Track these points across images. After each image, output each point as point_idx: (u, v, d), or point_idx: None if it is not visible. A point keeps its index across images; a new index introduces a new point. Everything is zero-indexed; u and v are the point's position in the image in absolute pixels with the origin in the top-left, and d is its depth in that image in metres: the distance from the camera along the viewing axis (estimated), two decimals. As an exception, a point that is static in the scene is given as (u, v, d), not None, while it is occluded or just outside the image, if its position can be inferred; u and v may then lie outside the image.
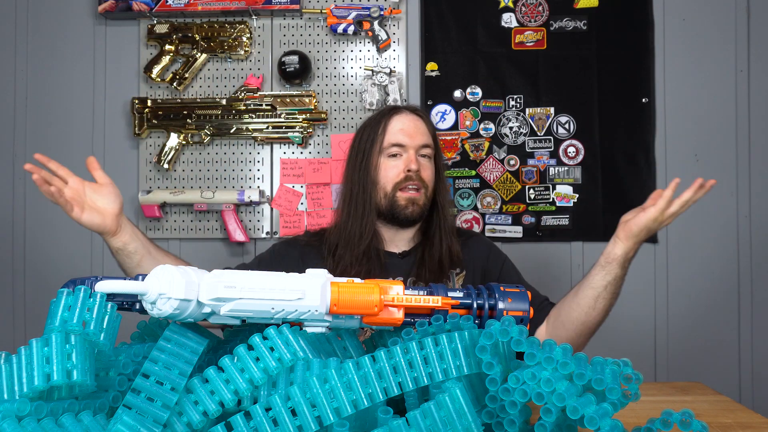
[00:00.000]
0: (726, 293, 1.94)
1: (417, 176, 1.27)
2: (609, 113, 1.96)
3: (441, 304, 0.65)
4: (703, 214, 1.94)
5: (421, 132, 1.31)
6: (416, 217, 1.29)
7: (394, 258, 1.31)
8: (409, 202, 1.27)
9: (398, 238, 1.32)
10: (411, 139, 1.29)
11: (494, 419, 0.59)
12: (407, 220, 1.29)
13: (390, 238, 1.32)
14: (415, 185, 1.27)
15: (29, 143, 2.05)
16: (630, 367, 0.57)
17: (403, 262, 1.30)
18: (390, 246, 1.32)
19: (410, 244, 1.33)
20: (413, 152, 1.28)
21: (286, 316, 0.59)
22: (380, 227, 1.31)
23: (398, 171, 1.27)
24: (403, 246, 1.33)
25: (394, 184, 1.27)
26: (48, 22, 2.06)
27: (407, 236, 1.33)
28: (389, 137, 1.29)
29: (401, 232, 1.32)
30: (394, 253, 1.32)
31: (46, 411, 0.50)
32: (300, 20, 2.00)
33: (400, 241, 1.33)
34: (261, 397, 0.55)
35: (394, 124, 1.30)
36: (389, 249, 1.32)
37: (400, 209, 1.27)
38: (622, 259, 1.14)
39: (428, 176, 1.30)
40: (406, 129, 1.29)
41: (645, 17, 1.96)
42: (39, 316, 2.01)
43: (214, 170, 2.01)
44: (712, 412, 0.84)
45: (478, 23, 1.99)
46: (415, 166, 1.27)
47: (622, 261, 1.15)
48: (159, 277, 0.55)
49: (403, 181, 1.27)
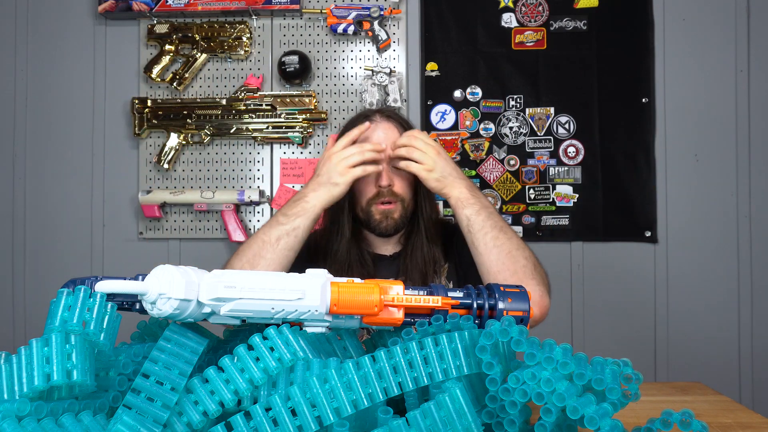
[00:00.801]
0: (726, 293, 1.94)
1: (389, 192, 1.23)
2: (609, 113, 1.96)
3: (441, 304, 0.65)
4: (703, 214, 1.95)
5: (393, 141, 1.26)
6: (392, 231, 1.26)
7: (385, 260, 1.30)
8: (383, 216, 1.24)
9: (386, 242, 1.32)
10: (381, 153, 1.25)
11: (494, 419, 0.59)
12: (383, 234, 1.26)
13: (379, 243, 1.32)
14: (388, 200, 1.24)
15: (29, 143, 2.05)
16: (630, 367, 0.57)
17: (393, 263, 1.30)
18: (380, 249, 1.32)
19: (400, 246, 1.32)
20: (385, 165, 1.23)
21: (286, 316, 0.59)
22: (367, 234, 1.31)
23: (371, 187, 1.24)
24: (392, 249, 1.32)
25: (368, 199, 1.25)
26: (48, 22, 2.06)
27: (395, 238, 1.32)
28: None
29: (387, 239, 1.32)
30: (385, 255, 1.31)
31: (46, 411, 0.50)
32: (300, 20, 2.00)
33: (389, 244, 1.32)
34: (261, 397, 0.55)
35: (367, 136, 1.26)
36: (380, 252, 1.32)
37: (375, 223, 1.25)
38: (466, 200, 1.15)
39: (403, 187, 1.26)
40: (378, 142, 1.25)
41: (645, 17, 1.96)
42: (39, 316, 2.01)
43: (214, 170, 2.01)
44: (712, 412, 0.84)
45: (478, 23, 1.99)
46: (386, 182, 1.23)
47: (467, 200, 1.15)
48: (159, 277, 0.55)
49: (375, 197, 1.24)
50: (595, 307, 1.96)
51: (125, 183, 2.03)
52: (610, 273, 1.96)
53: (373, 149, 1.18)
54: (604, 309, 1.95)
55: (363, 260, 1.27)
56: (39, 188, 2.05)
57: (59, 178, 2.04)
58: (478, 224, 1.12)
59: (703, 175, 1.95)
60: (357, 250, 1.28)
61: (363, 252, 1.29)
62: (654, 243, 1.95)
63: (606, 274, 1.96)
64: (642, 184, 1.94)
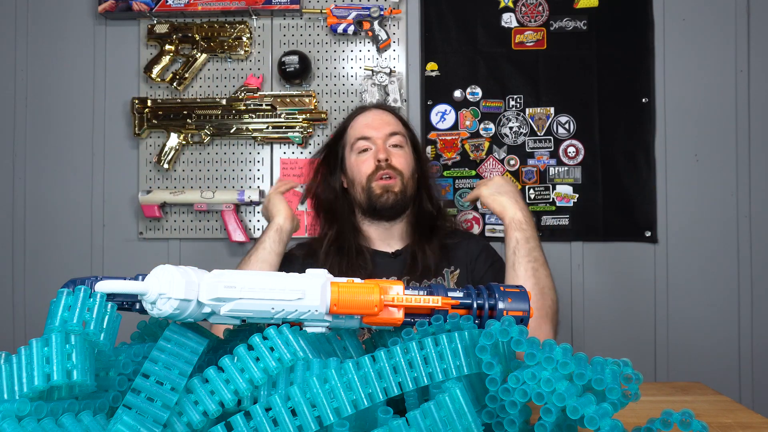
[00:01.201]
0: (726, 293, 1.94)
1: (387, 165, 1.27)
2: (609, 113, 1.96)
3: (441, 304, 0.65)
4: (703, 214, 1.95)
5: (387, 122, 1.32)
6: (393, 204, 1.27)
7: (386, 257, 1.30)
8: (383, 189, 1.26)
9: (388, 236, 1.31)
10: (377, 131, 1.29)
11: (494, 419, 0.59)
12: (385, 209, 1.27)
13: (380, 237, 1.31)
14: (387, 174, 1.26)
15: (29, 143, 2.05)
16: (630, 367, 0.57)
17: (396, 261, 1.29)
18: (381, 245, 1.31)
19: (402, 243, 1.32)
20: (381, 142, 1.28)
21: (286, 316, 0.59)
22: (368, 227, 1.31)
23: (369, 164, 1.28)
24: (395, 245, 1.32)
25: (367, 177, 1.28)
26: (48, 22, 2.06)
27: (397, 233, 1.32)
28: (355, 133, 1.31)
29: (390, 229, 1.31)
30: (386, 252, 1.31)
31: (46, 411, 0.50)
32: (300, 20, 2.00)
33: (391, 239, 1.32)
34: (261, 397, 0.55)
35: (358, 120, 1.33)
36: (381, 248, 1.31)
37: (375, 198, 1.27)
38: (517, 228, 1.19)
39: (401, 163, 1.29)
40: (371, 123, 1.31)
41: (645, 17, 1.96)
42: (39, 316, 2.01)
43: (214, 170, 2.01)
44: (712, 412, 0.84)
45: (478, 23, 1.99)
46: (384, 155, 1.26)
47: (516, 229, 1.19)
48: (159, 277, 0.55)
49: (375, 171, 1.27)
50: (595, 307, 1.96)
51: (125, 183, 2.03)
52: (610, 273, 1.96)
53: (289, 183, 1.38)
54: (604, 309, 1.95)
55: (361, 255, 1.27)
56: (39, 188, 2.05)
57: (59, 178, 2.04)
58: (525, 250, 1.16)
59: (703, 175, 1.95)
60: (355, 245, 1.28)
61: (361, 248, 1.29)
62: (654, 243, 1.95)
63: (606, 274, 1.96)
64: (642, 184, 1.94)
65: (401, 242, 1.32)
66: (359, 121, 1.33)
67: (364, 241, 1.31)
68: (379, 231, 1.31)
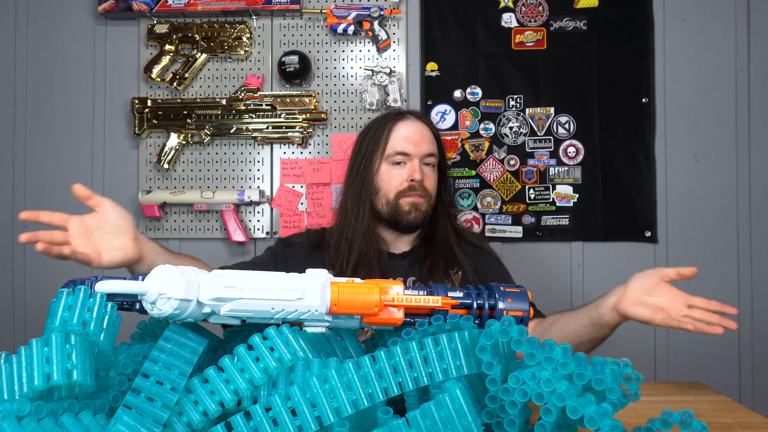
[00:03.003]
0: (726, 293, 1.94)
1: (420, 186, 1.26)
2: (609, 113, 1.96)
3: (441, 304, 0.65)
4: (703, 214, 1.94)
5: (427, 140, 1.29)
6: (418, 224, 1.28)
7: (395, 259, 1.31)
8: (412, 207, 1.26)
9: (399, 241, 1.32)
10: (416, 148, 1.27)
11: (494, 419, 0.59)
12: (409, 226, 1.27)
13: (392, 241, 1.32)
14: (418, 194, 1.26)
15: (29, 143, 2.05)
16: (630, 367, 0.57)
17: (403, 262, 1.30)
18: (391, 248, 1.32)
19: (411, 245, 1.33)
20: (417, 161, 1.26)
21: (286, 316, 0.59)
22: (382, 231, 1.31)
23: (401, 180, 1.26)
24: (403, 248, 1.33)
25: (397, 192, 1.26)
26: (48, 21, 2.06)
27: (408, 239, 1.33)
28: (394, 144, 1.27)
29: (403, 237, 1.32)
30: (394, 253, 1.32)
31: (46, 411, 0.50)
32: (300, 20, 2.00)
33: (401, 243, 1.33)
34: (261, 397, 0.55)
35: (399, 131, 1.28)
36: (391, 251, 1.32)
37: (403, 214, 1.26)
38: (608, 330, 1.14)
39: (431, 185, 1.29)
40: (411, 137, 1.27)
41: (645, 17, 1.96)
42: (39, 316, 2.01)
43: (214, 170, 2.01)
44: (712, 412, 0.84)
45: (478, 23, 1.99)
46: (419, 176, 1.25)
47: (607, 331, 1.15)
48: (159, 277, 0.55)
49: (406, 190, 1.26)
50: (595, 307, 1.95)
51: (125, 183, 2.03)
52: (610, 273, 1.96)
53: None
54: (604, 309, 1.95)
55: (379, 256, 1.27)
56: (39, 188, 2.05)
57: (59, 178, 2.04)
58: (594, 343, 1.21)
59: (703, 175, 1.95)
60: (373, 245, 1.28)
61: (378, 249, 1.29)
62: (654, 243, 1.95)
63: (606, 274, 1.96)
64: (642, 184, 1.94)
65: (409, 245, 1.33)
66: (399, 131, 1.28)
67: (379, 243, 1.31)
68: (392, 236, 1.32)
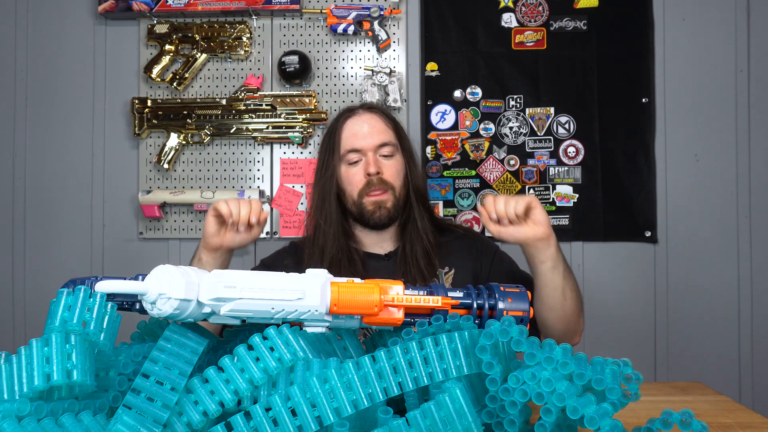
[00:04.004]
0: (726, 293, 1.94)
1: (378, 180, 1.23)
2: (609, 113, 1.96)
3: (441, 304, 0.65)
4: (703, 214, 1.95)
5: (377, 130, 1.26)
6: (386, 220, 1.25)
7: (379, 260, 1.29)
8: (375, 206, 1.24)
9: (380, 239, 1.30)
10: (365, 141, 1.25)
11: (494, 419, 0.59)
12: (378, 225, 1.26)
13: (372, 242, 1.30)
14: (379, 189, 1.24)
15: (29, 143, 2.05)
16: (630, 367, 0.57)
17: (389, 263, 1.28)
18: (374, 248, 1.31)
19: (394, 244, 1.31)
20: (371, 154, 1.24)
21: (286, 316, 0.59)
22: (359, 231, 1.30)
23: (360, 177, 1.24)
24: (388, 247, 1.31)
25: (359, 191, 1.24)
26: (48, 22, 2.06)
27: (388, 236, 1.31)
28: (344, 144, 1.26)
29: (381, 234, 1.30)
30: (379, 254, 1.30)
31: (46, 411, 0.50)
32: (300, 20, 2.00)
33: (384, 242, 1.30)
34: (261, 397, 0.55)
35: (347, 129, 1.27)
36: (373, 251, 1.30)
37: (368, 215, 1.24)
38: (557, 243, 1.12)
39: (392, 175, 1.26)
40: (359, 132, 1.25)
41: (645, 17, 1.96)
42: (39, 316, 2.01)
43: (214, 170, 2.01)
44: (712, 412, 0.84)
45: (478, 23, 1.99)
46: (374, 169, 1.23)
47: (557, 245, 1.12)
48: (159, 277, 0.55)
49: (366, 186, 1.24)
50: (595, 307, 1.95)
51: (125, 183, 2.03)
52: (610, 273, 1.96)
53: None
54: (604, 309, 1.95)
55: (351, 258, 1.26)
56: (39, 188, 2.05)
57: (59, 178, 2.04)
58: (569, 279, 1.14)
59: (703, 175, 1.95)
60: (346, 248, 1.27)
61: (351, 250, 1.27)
62: (654, 243, 1.95)
63: (606, 274, 1.96)
64: (642, 184, 1.94)
65: (393, 243, 1.31)
66: (347, 129, 1.27)
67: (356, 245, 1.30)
68: (371, 236, 1.30)
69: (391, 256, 1.29)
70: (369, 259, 1.28)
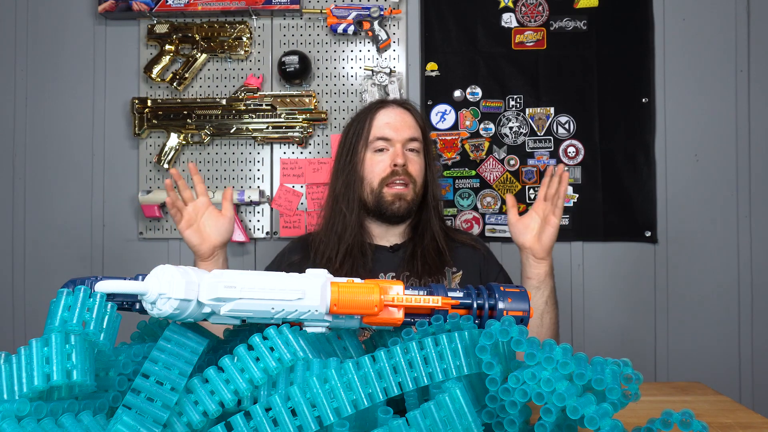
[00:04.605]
0: (726, 293, 1.94)
1: (404, 171, 1.24)
2: (609, 113, 1.96)
3: (441, 304, 0.65)
4: (703, 214, 1.95)
5: (408, 125, 1.28)
6: (403, 213, 1.26)
7: (385, 252, 1.29)
8: (395, 197, 1.24)
9: (389, 234, 1.31)
10: (397, 133, 1.26)
11: (494, 419, 0.59)
12: (394, 216, 1.26)
13: (380, 234, 1.30)
14: (402, 180, 1.24)
15: (29, 143, 2.05)
16: (630, 367, 0.57)
17: (394, 255, 1.28)
18: (381, 240, 1.31)
19: (402, 238, 1.31)
20: (400, 146, 1.25)
21: (286, 316, 0.59)
22: (369, 223, 1.30)
23: (384, 166, 1.25)
24: (394, 240, 1.31)
25: (381, 179, 1.25)
26: (48, 22, 2.06)
27: (398, 231, 1.31)
28: (375, 131, 1.27)
29: (392, 228, 1.30)
30: (384, 246, 1.30)
31: (46, 411, 0.50)
32: (300, 20, 2.00)
33: (392, 236, 1.31)
34: (261, 397, 0.55)
35: (380, 117, 1.28)
36: (380, 243, 1.30)
37: (386, 205, 1.24)
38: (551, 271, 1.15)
39: (416, 170, 1.27)
40: (392, 123, 1.26)
41: (645, 17, 1.96)
42: (39, 316, 2.01)
43: (214, 170, 2.01)
44: (712, 412, 0.84)
45: (478, 23, 1.99)
46: (402, 160, 1.23)
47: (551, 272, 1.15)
48: (159, 277, 0.55)
49: (389, 176, 1.24)
50: (595, 307, 1.96)
51: (125, 183, 2.03)
52: (610, 273, 1.96)
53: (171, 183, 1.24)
54: (604, 309, 1.95)
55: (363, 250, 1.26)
56: (39, 188, 2.05)
57: (59, 178, 2.04)
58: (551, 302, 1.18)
59: (703, 175, 1.95)
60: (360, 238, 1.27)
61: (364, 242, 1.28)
62: (654, 243, 1.95)
63: (606, 274, 1.96)
64: (642, 184, 1.94)
65: (400, 238, 1.31)
66: (380, 118, 1.27)
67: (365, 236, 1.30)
68: (380, 229, 1.30)
69: (396, 249, 1.29)
70: (376, 252, 1.29)
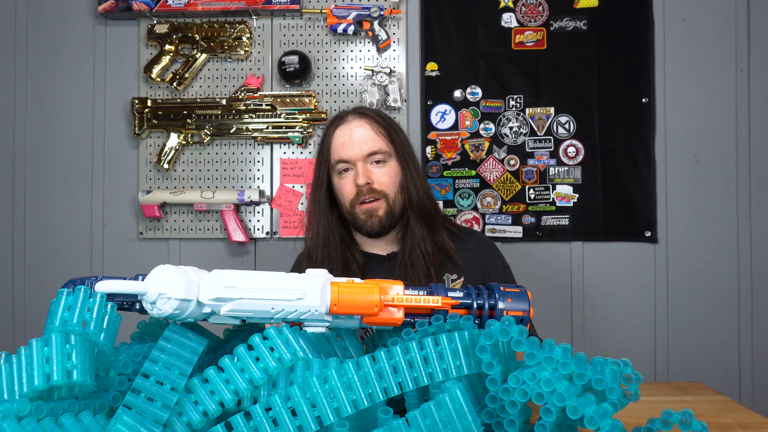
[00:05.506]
0: (726, 293, 1.94)
1: (368, 189, 1.22)
2: (609, 113, 1.96)
3: (441, 304, 0.65)
4: (703, 214, 1.95)
5: (366, 138, 1.23)
6: (378, 229, 1.23)
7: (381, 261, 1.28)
8: (367, 215, 1.22)
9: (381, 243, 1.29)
10: (353, 152, 1.22)
11: (494, 419, 0.59)
12: (371, 233, 1.24)
13: (372, 244, 1.29)
14: (370, 197, 1.22)
15: (29, 143, 2.05)
16: (630, 367, 0.57)
17: (390, 264, 1.27)
18: (376, 249, 1.30)
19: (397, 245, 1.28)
20: (361, 164, 1.22)
21: (286, 316, 0.59)
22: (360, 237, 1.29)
23: (350, 188, 1.23)
24: (389, 248, 1.29)
25: (350, 201, 1.23)
26: (48, 22, 2.06)
27: (388, 241, 1.29)
28: (334, 154, 1.25)
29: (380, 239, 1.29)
30: (380, 255, 1.29)
31: (46, 411, 0.50)
32: (300, 20, 2.00)
33: (385, 244, 1.29)
34: (261, 397, 0.55)
35: (336, 138, 1.25)
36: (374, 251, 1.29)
37: (361, 223, 1.23)
38: None
39: (385, 182, 1.23)
40: (347, 142, 1.23)
41: (645, 17, 1.96)
42: (39, 316, 2.01)
43: (214, 170, 2.01)
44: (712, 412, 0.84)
45: (478, 23, 1.99)
46: (363, 180, 1.21)
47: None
48: (159, 277, 0.55)
49: (356, 197, 1.22)
50: (595, 307, 1.96)
51: (125, 183, 2.03)
52: (610, 273, 1.96)
53: None
54: (604, 309, 1.95)
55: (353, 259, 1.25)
56: (39, 188, 2.05)
57: (59, 178, 2.04)
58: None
59: (703, 175, 1.95)
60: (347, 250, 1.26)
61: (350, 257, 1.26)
62: (654, 243, 1.95)
63: (606, 274, 1.96)
64: (642, 184, 1.94)
65: (395, 245, 1.30)
66: (337, 138, 1.25)
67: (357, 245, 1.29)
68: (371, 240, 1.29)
69: (393, 257, 1.28)
70: (370, 260, 1.28)
